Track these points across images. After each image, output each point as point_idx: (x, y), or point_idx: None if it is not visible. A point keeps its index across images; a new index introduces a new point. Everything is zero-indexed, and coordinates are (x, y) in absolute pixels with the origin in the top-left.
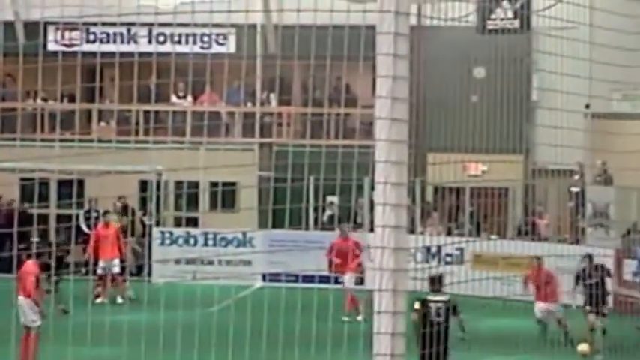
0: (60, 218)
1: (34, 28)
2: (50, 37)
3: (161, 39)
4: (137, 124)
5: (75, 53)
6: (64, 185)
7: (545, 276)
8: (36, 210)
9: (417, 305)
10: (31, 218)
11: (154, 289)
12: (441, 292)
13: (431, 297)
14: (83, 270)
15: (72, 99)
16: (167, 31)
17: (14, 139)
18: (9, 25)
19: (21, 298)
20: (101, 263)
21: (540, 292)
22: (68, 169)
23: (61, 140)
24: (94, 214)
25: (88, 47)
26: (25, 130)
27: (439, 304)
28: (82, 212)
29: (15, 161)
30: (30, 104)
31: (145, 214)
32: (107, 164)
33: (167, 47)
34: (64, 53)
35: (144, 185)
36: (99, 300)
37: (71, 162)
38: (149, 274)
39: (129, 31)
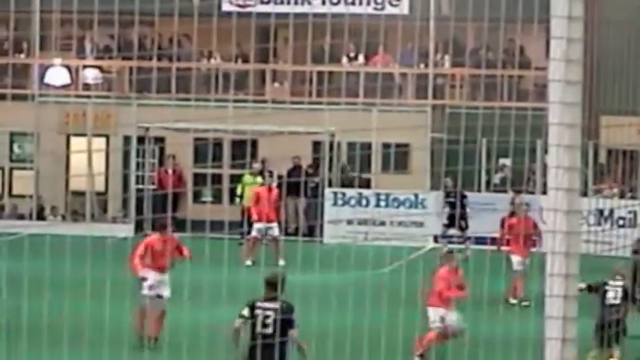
0: (233, 178)
1: None
2: None
3: (335, 0)
4: (311, 84)
5: (249, 14)
6: (238, 145)
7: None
8: (210, 170)
9: (244, 312)
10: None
11: (325, 250)
12: (275, 299)
13: (260, 303)
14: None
15: (246, 59)
16: None
17: (188, 100)
18: None
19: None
20: (258, 225)
21: None
22: (242, 129)
23: (235, 101)
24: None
25: (262, 8)
26: (199, 91)
27: (268, 312)
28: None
29: (189, 121)
30: (204, 64)
31: (311, 175)
32: (280, 125)
33: (341, 8)
34: (238, 14)
35: (317, 146)
36: (248, 262)
37: (245, 122)
38: (321, 234)
39: None
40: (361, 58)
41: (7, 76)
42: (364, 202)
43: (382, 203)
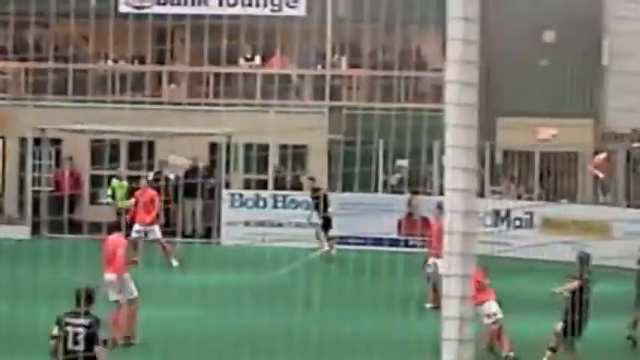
0: (131, 180)
1: None
2: None
3: (232, 1)
4: (207, 86)
5: (146, 15)
6: (135, 147)
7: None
8: (106, 171)
9: (54, 331)
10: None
11: (223, 251)
12: (86, 313)
13: (69, 319)
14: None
15: (142, 61)
16: None
17: (85, 101)
18: None
19: (110, 275)
20: (137, 227)
21: None
22: (138, 130)
23: (132, 102)
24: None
25: (158, 9)
26: (95, 92)
27: (78, 329)
28: (151, 174)
29: (86, 123)
30: (101, 66)
31: (208, 176)
32: (177, 126)
33: (237, 9)
34: (134, 15)
35: (214, 147)
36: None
37: (141, 124)
38: (218, 236)
39: None
40: (258, 60)
41: None
42: (261, 203)
43: (279, 204)
